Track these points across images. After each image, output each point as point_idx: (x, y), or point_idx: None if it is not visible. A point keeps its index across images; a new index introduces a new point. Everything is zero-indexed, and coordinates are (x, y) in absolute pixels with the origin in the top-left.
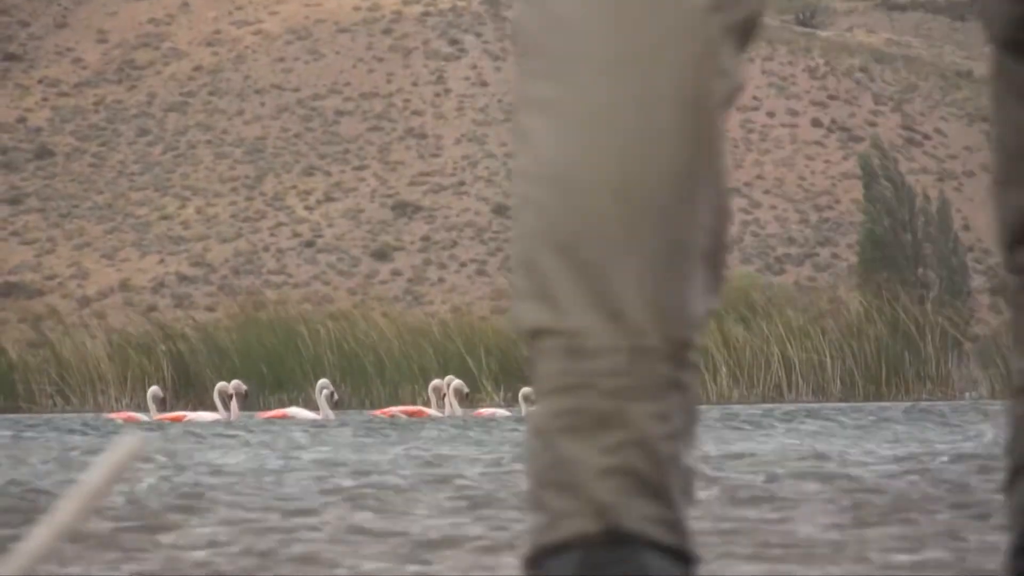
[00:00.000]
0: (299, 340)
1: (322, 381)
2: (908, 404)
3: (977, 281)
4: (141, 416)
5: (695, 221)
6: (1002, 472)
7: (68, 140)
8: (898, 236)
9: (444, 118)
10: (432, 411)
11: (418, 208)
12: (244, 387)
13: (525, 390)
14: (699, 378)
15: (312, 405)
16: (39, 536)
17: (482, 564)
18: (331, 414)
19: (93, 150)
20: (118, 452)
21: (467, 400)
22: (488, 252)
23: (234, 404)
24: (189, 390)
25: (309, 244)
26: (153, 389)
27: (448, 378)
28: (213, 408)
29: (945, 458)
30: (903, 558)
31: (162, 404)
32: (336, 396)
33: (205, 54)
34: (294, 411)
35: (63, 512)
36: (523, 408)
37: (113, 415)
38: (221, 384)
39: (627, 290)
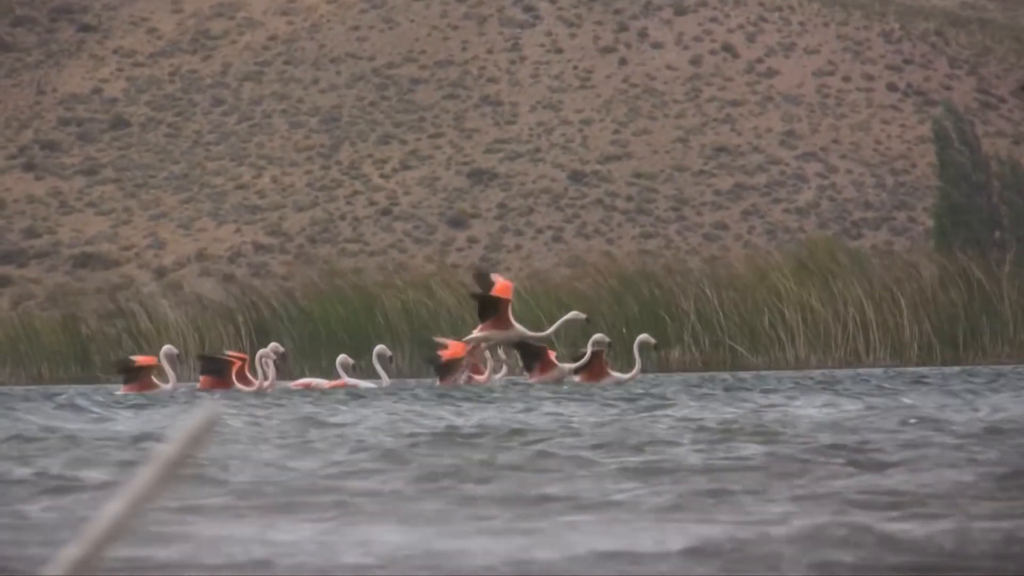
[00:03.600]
0: (376, 308)
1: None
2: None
3: None
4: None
5: None
6: None
7: (143, 110)
8: (974, 200)
9: (519, 85)
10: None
11: (494, 175)
12: (281, 349)
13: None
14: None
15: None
16: (120, 503)
17: None
18: (359, 382)
19: (169, 120)
20: (196, 421)
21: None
22: (564, 219)
23: (271, 370)
24: None
25: (385, 212)
26: (166, 348)
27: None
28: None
29: None
30: None
31: (176, 360)
32: (391, 355)
33: (280, 23)
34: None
35: (142, 480)
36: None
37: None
38: (262, 351)
39: None
